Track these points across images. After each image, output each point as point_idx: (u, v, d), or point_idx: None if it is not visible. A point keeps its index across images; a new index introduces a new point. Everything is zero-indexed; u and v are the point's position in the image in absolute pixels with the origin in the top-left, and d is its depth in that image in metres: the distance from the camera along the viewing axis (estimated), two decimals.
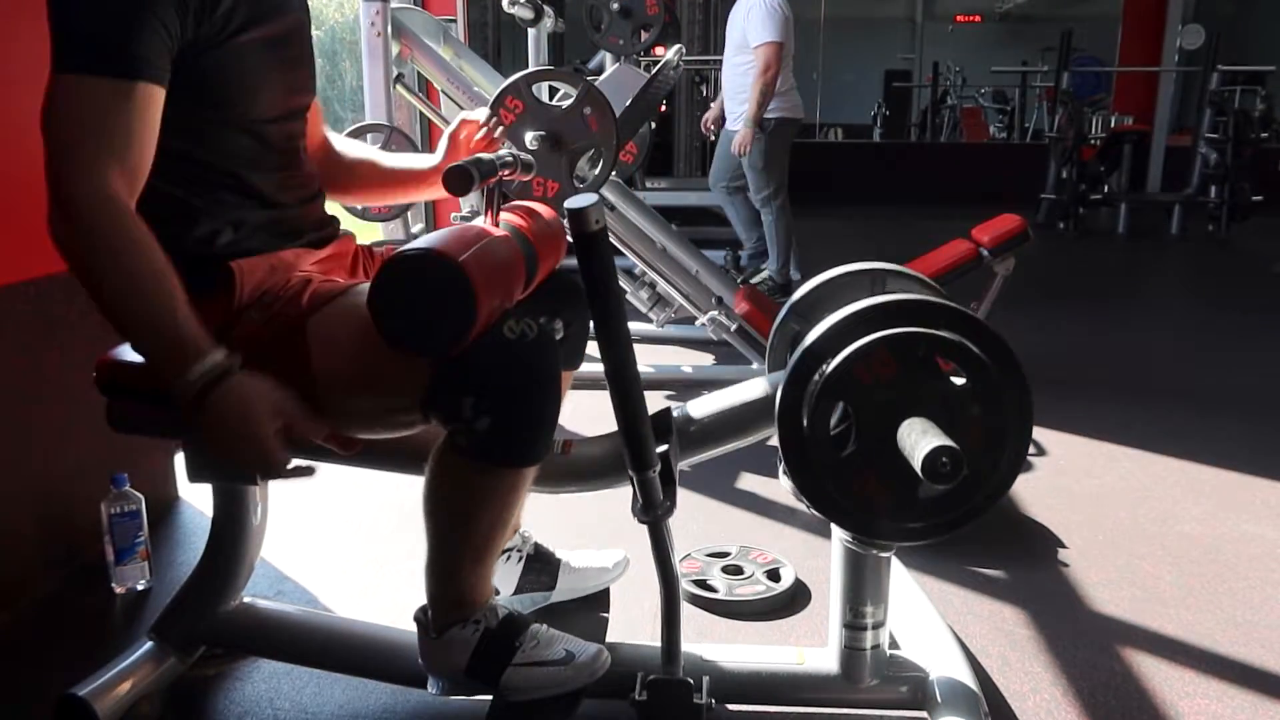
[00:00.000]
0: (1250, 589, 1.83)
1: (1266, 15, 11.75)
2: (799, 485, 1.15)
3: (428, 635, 1.24)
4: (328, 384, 1.14)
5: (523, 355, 1.09)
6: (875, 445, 1.10)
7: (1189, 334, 4.32)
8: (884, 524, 1.15)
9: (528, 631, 1.26)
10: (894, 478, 1.10)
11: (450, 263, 1.03)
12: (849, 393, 1.10)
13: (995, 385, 1.08)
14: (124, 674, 1.41)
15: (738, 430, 1.33)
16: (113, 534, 1.80)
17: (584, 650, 1.28)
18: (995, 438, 1.09)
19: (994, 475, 1.11)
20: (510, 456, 1.14)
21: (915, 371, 1.09)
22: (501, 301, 1.12)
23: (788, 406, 1.12)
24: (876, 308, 1.11)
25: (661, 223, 3.22)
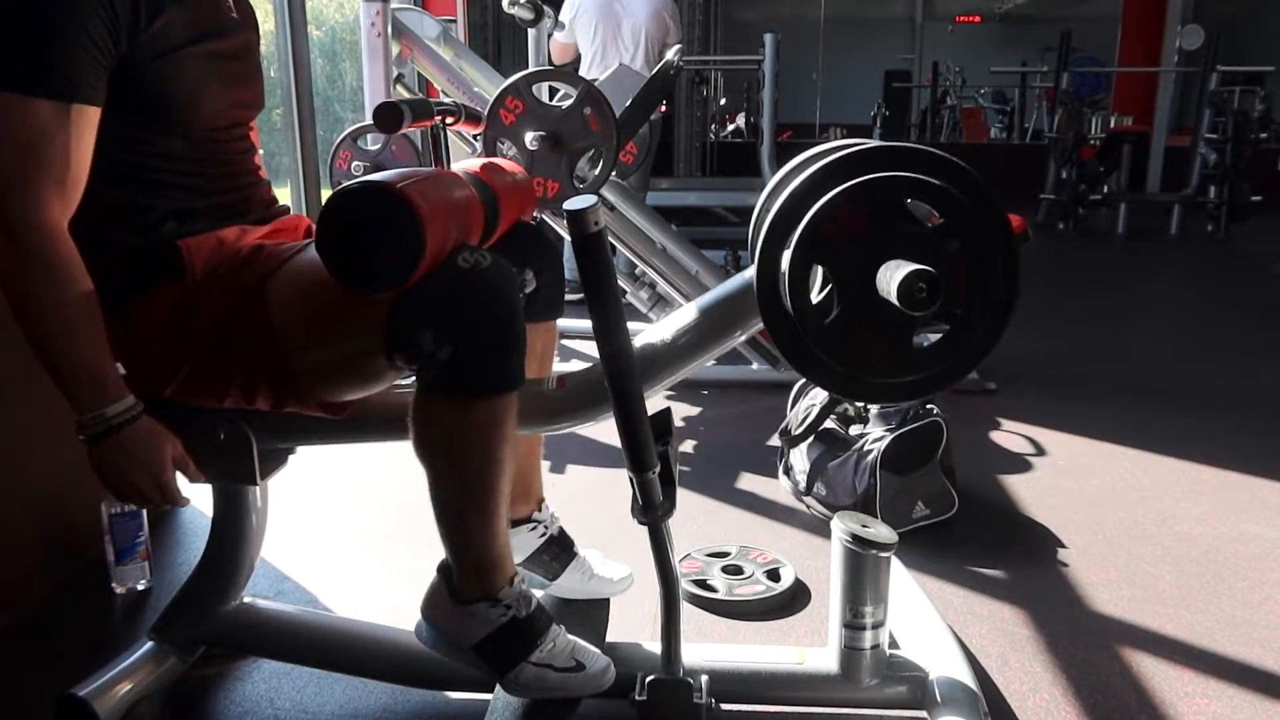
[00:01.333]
0: (1249, 589, 1.83)
1: (1266, 16, 11.75)
2: (794, 363, 1.12)
3: (450, 595, 1.22)
4: (293, 343, 1.15)
5: (477, 281, 1.08)
6: (859, 302, 1.07)
7: (1189, 334, 4.32)
8: (882, 382, 1.12)
9: (550, 631, 1.26)
10: (885, 330, 1.08)
11: (391, 191, 1.03)
12: (822, 254, 1.08)
13: (968, 217, 1.06)
14: (124, 674, 1.41)
15: (724, 327, 1.28)
16: (113, 534, 1.80)
17: (594, 663, 1.28)
18: (979, 271, 1.07)
19: (983, 313, 1.09)
20: (477, 384, 1.11)
21: (885, 220, 1.06)
22: (455, 236, 1.11)
23: (765, 285, 1.10)
24: (833, 164, 1.08)
25: (661, 223, 3.22)
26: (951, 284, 1.03)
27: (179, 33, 1.14)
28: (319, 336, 1.15)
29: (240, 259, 1.19)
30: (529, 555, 1.55)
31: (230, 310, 1.16)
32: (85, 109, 1.06)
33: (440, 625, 1.24)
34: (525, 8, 3.34)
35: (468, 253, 1.09)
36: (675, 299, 3.16)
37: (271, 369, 1.17)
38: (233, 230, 1.23)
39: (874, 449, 2.07)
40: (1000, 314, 1.09)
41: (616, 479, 2.33)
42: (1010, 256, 1.08)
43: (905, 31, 14.85)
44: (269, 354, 1.15)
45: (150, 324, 1.18)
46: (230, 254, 1.20)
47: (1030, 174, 7.77)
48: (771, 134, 5.72)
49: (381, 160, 2.72)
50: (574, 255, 1.13)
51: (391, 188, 1.03)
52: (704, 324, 1.28)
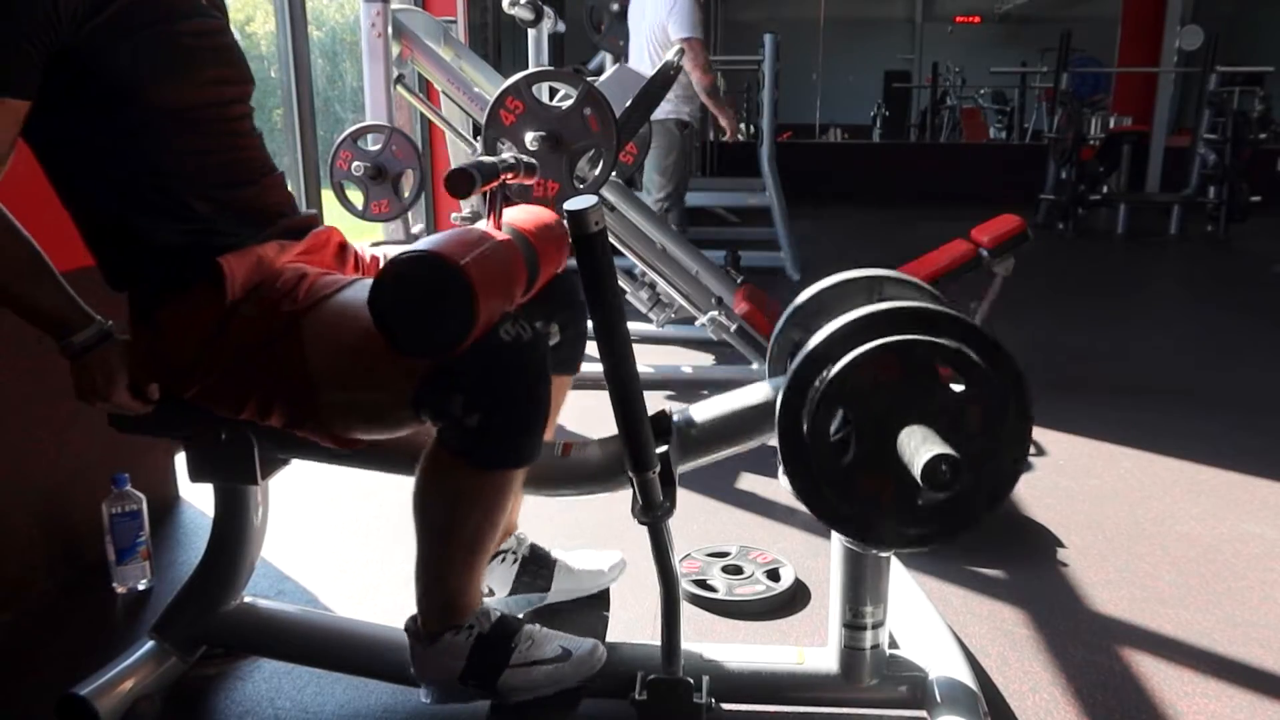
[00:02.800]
0: (1249, 589, 1.83)
1: (1266, 16, 11.76)
2: (799, 491, 1.15)
3: (419, 643, 1.25)
4: (322, 380, 1.15)
5: (515, 357, 1.10)
6: (875, 452, 1.10)
7: (1188, 334, 4.32)
8: (884, 530, 1.15)
9: (522, 632, 1.26)
10: (894, 484, 1.10)
11: (453, 266, 1.04)
12: (849, 399, 1.10)
13: (994, 391, 1.08)
14: (125, 673, 1.42)
15: (738, 435, 1.33)
16: (114, 534, 1.80)
17: (580, 646, 1.28)
18: (994, 444, 1.10)
19: (993, 482, 1.12)
20: (498, 457, 1.15)
21: (915, 378, 1.09)
22: (501, 305, 1.13)
23: (788, 413, 1.13)
24: (877, 314, 1.11)
25: (662, 223, 3.22)
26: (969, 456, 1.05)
27: (136, 15, 1.14)
28: (350, 379, 1.16)
29: (281, 285, 1.19)
30: (511, 585, 1.55)
31: (266, 335, 1.16)
32: (14, 103, 1.09)
33: (429, 676, 1.26)
34: (525, 8, 3.34)
35: (510, 325, 1.11)
36: (675, 299, 3.16)
37: (295, 398, 1.17)
38: (272, 247, 1.23)
39: None
40: (1005, 486, 1.13)
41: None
42: (1025, 435, 1.11)
43: (905, 32, 14.86)
44: (296, 384, 1.16)
45: (181, 332, 1.19)
46: (270, 275, 1.20)
47: (1030, 174, 7.78)
48: (771, 134, 5.73)
49: (382, 161, 2.72)
50: (575, 255, 1.13)
51: (453, 265, 1.04)
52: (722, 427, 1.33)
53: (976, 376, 1.08)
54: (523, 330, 1.11)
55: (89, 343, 1.20)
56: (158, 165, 1.18)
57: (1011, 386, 1.09)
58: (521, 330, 1.11)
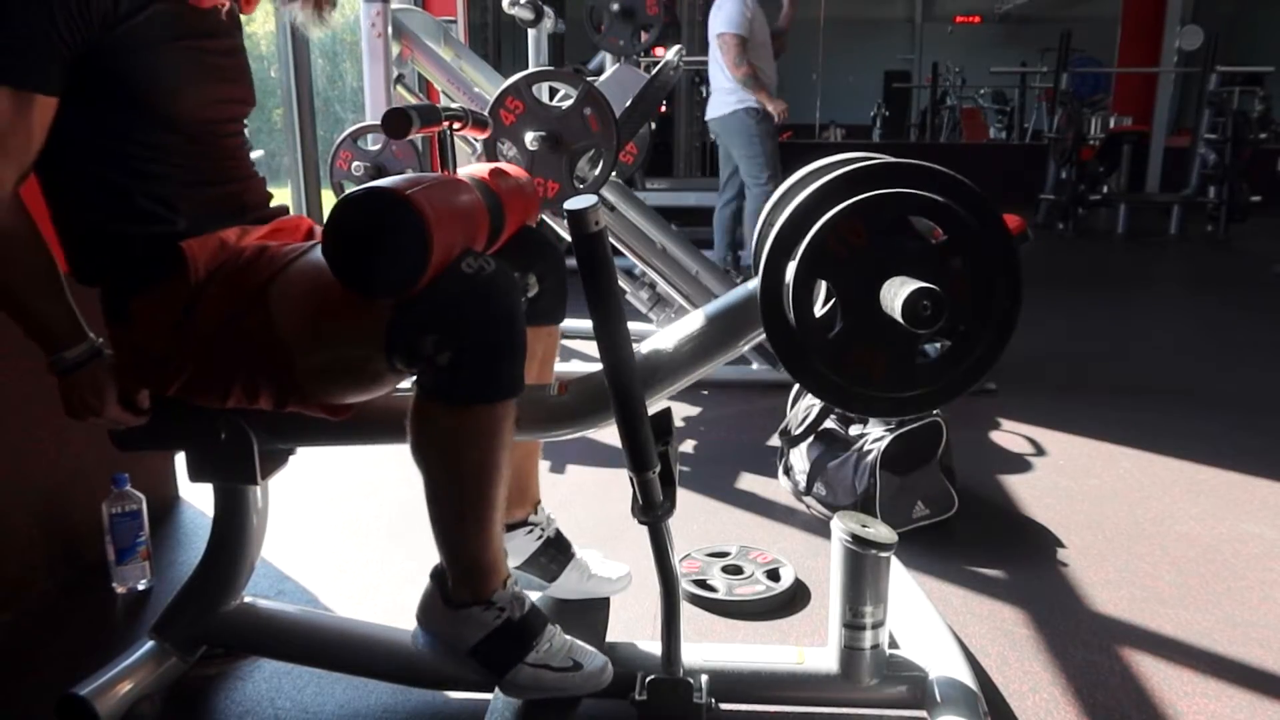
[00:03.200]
0: (1249, 589, 1.83)
1: (1266, 16, 11.76)
2: (796, 377, 1.12)
3: (443, 600, 1.23)
4: (295, 344, 1.15)
5: (479, 288, 1.08)
6: (862, 317, 1.08)
7: (1188, 334, 4.32)
8: (885, 397, 1.13)
9: (545, 632, 1.26)
10: (887, 346, 1.08)
11: (400, 197, 1.03)
12: (826, 269, 1.08)
13: (972, 234, 1.06)
14: (125, 674, 1.42)
15: (727, 336, 1.28)
16: (113, 534, 1.80)
17: (591, 661, 1.28)
18: (982, 287, 1.07)
19: (986, 329, 1.09)
20: (476, 391, 1.12)
21: (889, 235, 1.07)
22: (460, 242, 1.11)
23: (769, 298, 1.10)
24: (838, 179, 1.08)
25: (661, 223, 3.22)
26: (955, 301, 1.03)
27: (165, 27, 1.16)
28: (322, 338, 1.16)
29: (243, 260, 1.20)
30: (526, 559, 1.55)
31: (233, 311, 1.16)
32: (48, 100, 1.09)
33: (435, 631, 1.25)
34: (525, 8, 3.34)
35: (472, 259, 1.10)
36: (675, 299, 3.16)
37: (274, 370, 1.17)
38: (234, 231, 1.24)
39: (874, 449, 2.07)
40: (1002, 329, 1.10)
41: (616, 479, 2.33)
42: (1013, 273, 1.08)
43: (905, 32, 14.85)
44: (272, 355, 1.16)
45: (152, 323, 1.19)
46: (233, 255, 1.21)
47: (1030, 174, 7.78)
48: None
49: (382, 161, 2.72)
50: (575, 255, 1.13)
51: (399, 194, 1.03)
52: (707, 333, 1.28)
53: (951, 221, 1.05)
54: (485, 264, 1.10)
55: (80, 359, 1.21)
56: (148, 169, 1.19)
57: (989, 227, 1.06)
58: (484, 264, 1.09)
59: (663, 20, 3.36)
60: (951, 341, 1.10)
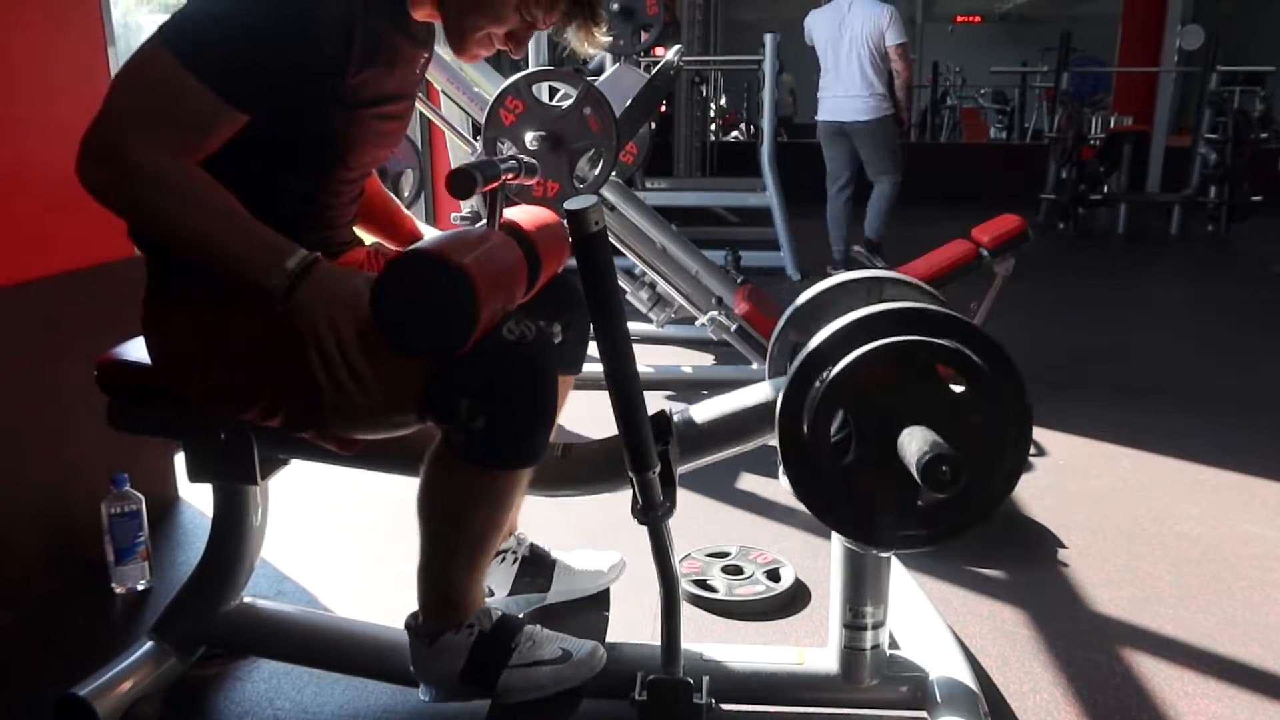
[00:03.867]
0: (1249, 589, 1.83)
1: (1266, 15, 11.75)
2: (800, 492, 1.15)
3: (420, 641, 1.25)
4: None
5: (520, 357, 1.10)
6: (875, 452, 1.10)
7: (1188, 334, 4.32)
8: (884, 531, 1.15)
9: (523, 633, 1.26)
10: (894, 485, 1.10)
11: (454, 266, 1.03)
12: (849, 400, 1.10)
13: (994, 392, 1.08)
14: (124, 674, 1.42)
15: (739, 435, 1.34)
16: (113, 534, 1.80)
17: (580, 647, 1.28)
18: (994, 445, 1.10)
19: (993, 482, 1.12)
20: (504, 458, 1.15)
21: (915, 379, 1.09)
22: (503, 305, 1.13)
23: (789, 413, 1.13)
24: (878, 315, 1.11)
25: (661, 223, 3.22)
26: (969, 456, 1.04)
27: (371, 91, 1.15)
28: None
29: None
30: (511, 585, 1.55)
31: (271, 337, 1.14)
32: (239, 115, 1.07)
33: (428, 676, 1.26)
34: None
35: (514, 324, 1.11)
36: (675, 299, 3.16)
37: (299, 401, 1.17)
38: None
39: None
40: (1005, 486, 1.13)
41: None
42: (1024, 437, 1.11)
43: (905, 31, 14.85)
44: (301, 388, 1.14)
45: (191, 327, 1.18)
46: None
47: (1030, 174, 7.77)
48: (771, 134, 5.72)
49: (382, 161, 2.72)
50: (575, 255, 1.13)
51: (454, 262, 1.03)
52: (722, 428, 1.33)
53: (976, 377, 1.08)
54: (526, 330, 1.11)
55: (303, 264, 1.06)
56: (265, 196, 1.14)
57: (1011, 388, 1.09)
58: (525, 330, 1.11)
59: (663, 20, 3.36)
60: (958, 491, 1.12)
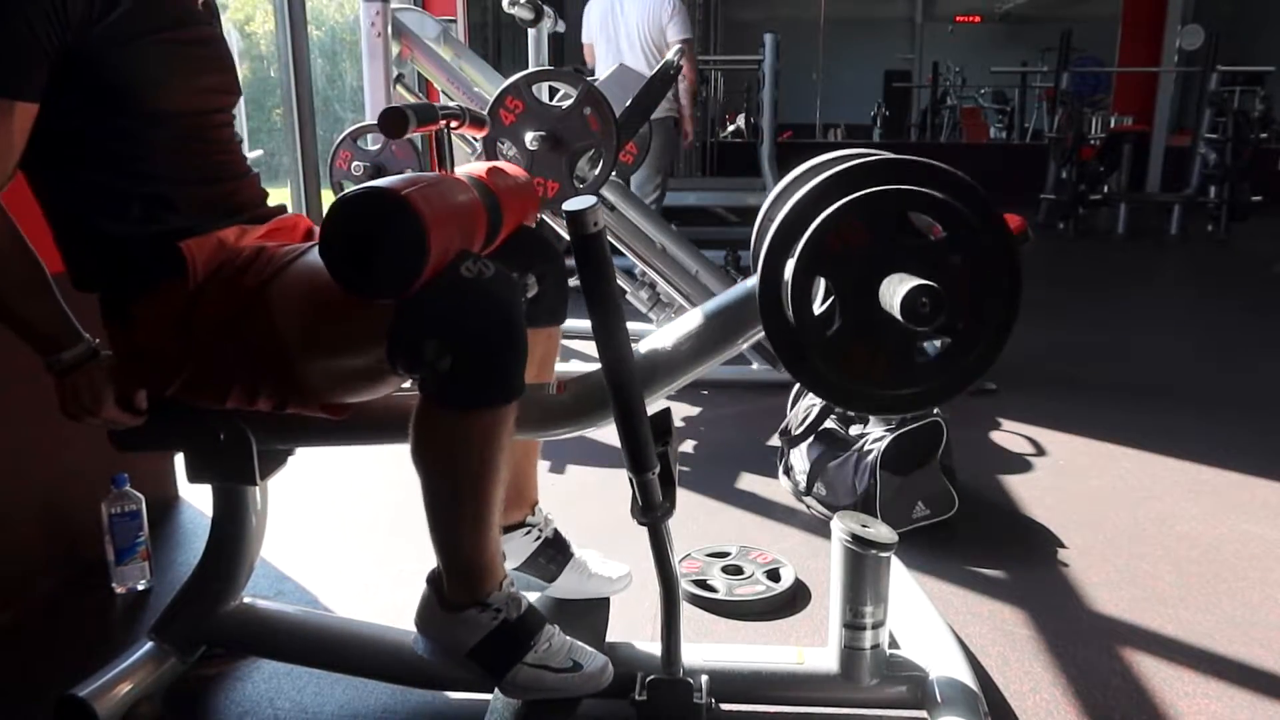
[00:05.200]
0: (1249, 589, 1.83)
1: (1266, 15, 11.75)
2: (794, 374, 1.12)
3: (439, 603, 1.23)
4: (296, 347, 1.15)
5: (481, 293, 1.08)
6: (861, 315, 1.07)
7: (1189, 334, 4.32)
8: (883, 394, 1.12)
9: (543, 632, 1.26)
10: (886, 343, 1.08)
11: (395, 197, 1.03)
12: (825, 266, 1.07)
13: (971, 230, 1.05)
14: (124, 674, 1.42)
15: (726, 334, 1.28)
16: (113, 534, 1.80)
17: (591, 662, 1.27)
18: (981, 284, 1.07)
19: (986, 327, 1.09)
20: (477, 395, 1.12)
21: (888, 232, 1.06)
22: (458, 242, 1.11)
23: (767, 295, 1.10)
24: (836, 175, 1.08)
25: (661, 223, 3.22)
26: (954, 298, 1.03)
27: (141, 21, 1.15)
28: (322, 340, 1.16)
29: (242, 260, 1.20)
30: (524, 560, 1.55)
31: (233, 312, 1.16)
32: (28, 106, 1.09)
33: (434, 636, 1.25)
34: (525, 8, 3.34)
35: (471, 261, 1.09)
36: (675, 299, 3.16)
37: (274, 371, 1.17)
38: (232, 230, 1.24)
39: (874, 449, 2.07)
40: (1001, 328, 1.09)
41: (616, 479, 2.33)
42: (1012, 271, 1.08)
43: (905, 31, 14.85)
44: (271, 356, 1.16)
45: (153, 325, 1.19)
46: (231, 255, 1.20)
47: (1030, 174, 7.77)
48: (771, 134, 5.73)
49: (382, 161, 2.72)
50: (574, 255, 1.13)
51: (395, 194, 1.03)
52: (706, 331, 1.28)
53: (952, 218, 1.05)
54: (485, 267, 1.09)
55: (76, 360, 1.21)
56: (139, 167, 1.19)
57: (988, 224, 1.06)
58: (484, 267, 1.09)
59: None
60: (951, 339, 1.10)
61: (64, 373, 1.21)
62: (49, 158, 1.17)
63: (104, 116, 1.16)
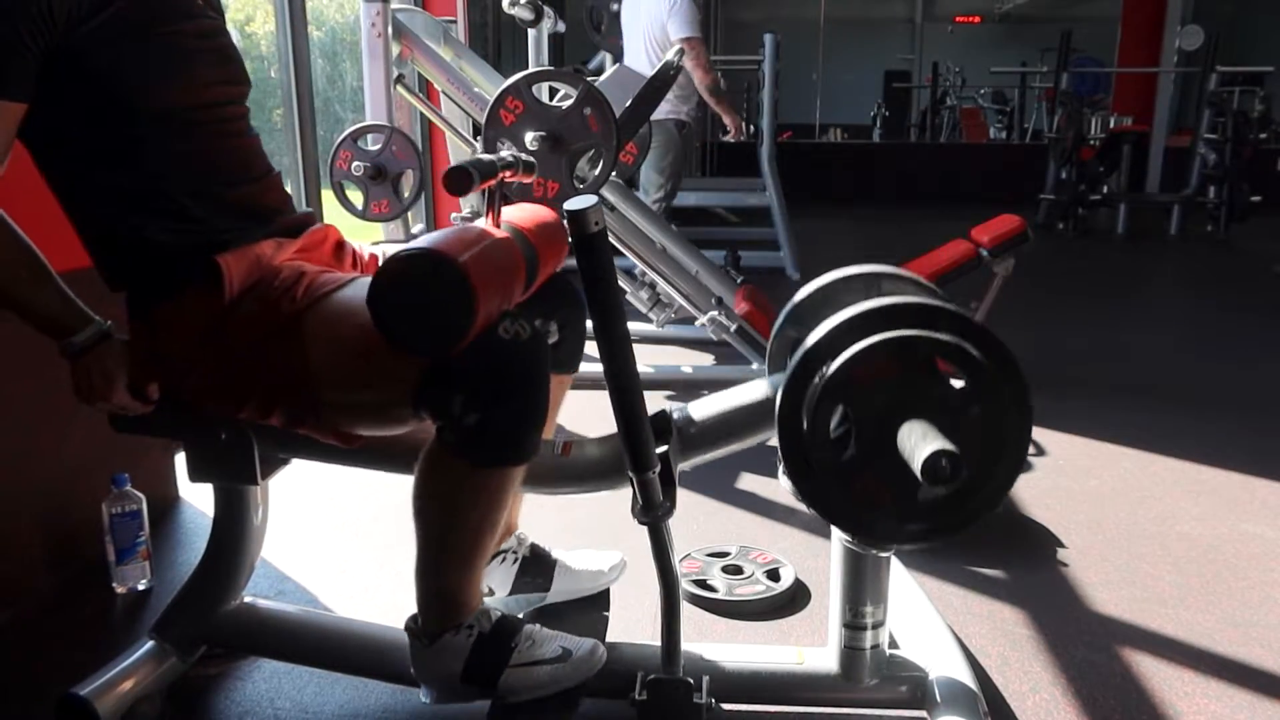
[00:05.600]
0: (1250, 589, 1.83)
1: (1266, 16, 11.76)
2: (799, 488, 1.15)
3: (420, 643, 1.25)
4: (323, 378, 1.15)
5: (515, 355, 1.10)
6: (875, 448, 1.10)
7: (1188, 334, 4.32)
8: (884, 526, 1.15)
9: (522, 632, 1.26)
10: (894, 480, 1.10)
11: (452, 264, 1.04)
12: (849, 395, 1.10)
13: (994, 387, 1.08)
14: (125, 674, 1.41)
15: (738, 432, 1.33)
16: (113, 534, 1.80)
17: (580, 646, 1.28)
18: (995, 440, 1.10)
19: (994, 478, 1.11)
20: (497, 455, 1.15)
21: (914, 374, 1.09)
22: (500, 303, 1.13)
23: (788, 409, 1.12)
24: (877, 310, 1.11)
25: (661, 223, 3.22)
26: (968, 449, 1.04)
27: (134, 19, 1.14)
28: (351, 377, 1.16)
29: (280, 283, 1.19)
30: (512, 585, 1.56)
31: (265, 333, 1.16)
32: (11, 105, 1.09)
33: (427, 676, 1.26)
34: (525, 8, 3.34)
35: (509, 322, 1.11)
36: (675, 299, 3.16)
37: (296, 396, 1.17)
38: (269, 245, 1.23)
39: None
40: (1006, 481, 1.12)
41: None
42: (1025, 431, 1.10)
43: (905, 32, 14.86)
44: (297, 382, 1.16)
45: (179, 330, 1.19)
46: (269, 274, 1.20)
47: (1030, 174, 7.78)
48: (771, 134, 5.73)
49: (382, 161, 2.72)
50: (575, 255, 1.13)
51: (452, 262, 1.04)
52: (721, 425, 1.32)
53: (976, 372, 1.08)
54: (521, 329, 1.11)
55: (88, 343, 1.20)
56: (155, 167, 1.18)
57: (1010, 381, 1.08)
58: (520, 329, 1.11)
59: None
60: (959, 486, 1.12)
61: (76, 356, 1.20)
62: (64, 161, 1.17)
63: (111, 119, 1.15)
